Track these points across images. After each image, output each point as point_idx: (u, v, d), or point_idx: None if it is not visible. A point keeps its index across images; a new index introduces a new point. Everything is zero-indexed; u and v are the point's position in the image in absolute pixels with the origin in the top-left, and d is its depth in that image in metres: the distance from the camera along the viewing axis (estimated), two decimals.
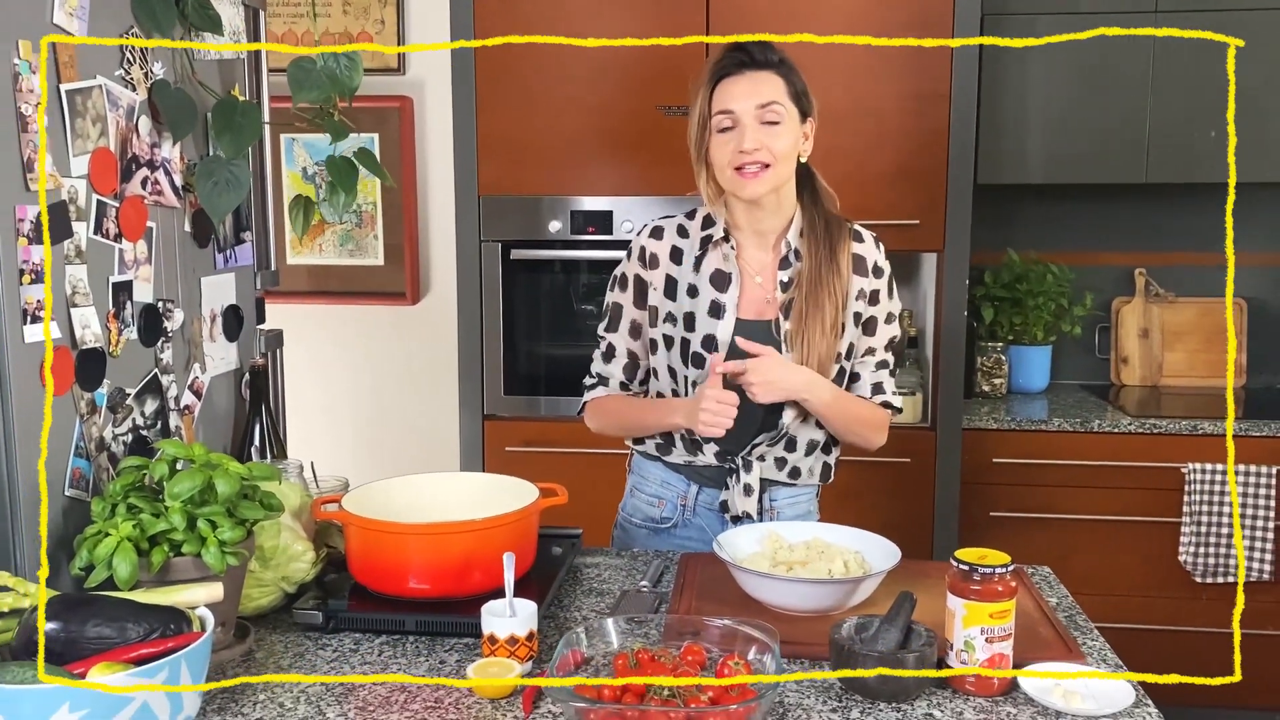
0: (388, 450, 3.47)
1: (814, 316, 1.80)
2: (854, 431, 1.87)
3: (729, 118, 1.75)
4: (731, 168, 1.76)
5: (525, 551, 1.60)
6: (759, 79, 1.75)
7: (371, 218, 3.29)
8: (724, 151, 1.76)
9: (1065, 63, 3.10)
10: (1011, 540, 3.02)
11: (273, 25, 3.23)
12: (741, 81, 1.75)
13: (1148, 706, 1.30)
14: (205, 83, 1.71)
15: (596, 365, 1.96)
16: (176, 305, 1.68)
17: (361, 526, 1.52)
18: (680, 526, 1.93)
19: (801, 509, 1.95)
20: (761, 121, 1.74)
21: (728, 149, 1.75)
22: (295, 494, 1.62)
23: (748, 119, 1.74)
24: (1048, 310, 3.31)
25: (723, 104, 1.75)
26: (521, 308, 3.05)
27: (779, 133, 1.75)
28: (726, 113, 1.75)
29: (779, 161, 1.76)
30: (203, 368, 1.76)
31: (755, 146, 1.73)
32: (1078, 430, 3.00)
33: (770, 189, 1.78)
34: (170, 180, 1.65)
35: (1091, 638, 1.51)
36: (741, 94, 1.74)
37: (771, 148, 1.74)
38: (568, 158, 2.96)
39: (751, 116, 1.74)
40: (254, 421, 1.84)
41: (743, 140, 1.73)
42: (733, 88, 1.76)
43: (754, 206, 1.81)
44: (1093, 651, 1.46)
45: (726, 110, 1.75)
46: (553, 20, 2.89)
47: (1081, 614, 1.60)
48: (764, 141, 1.74)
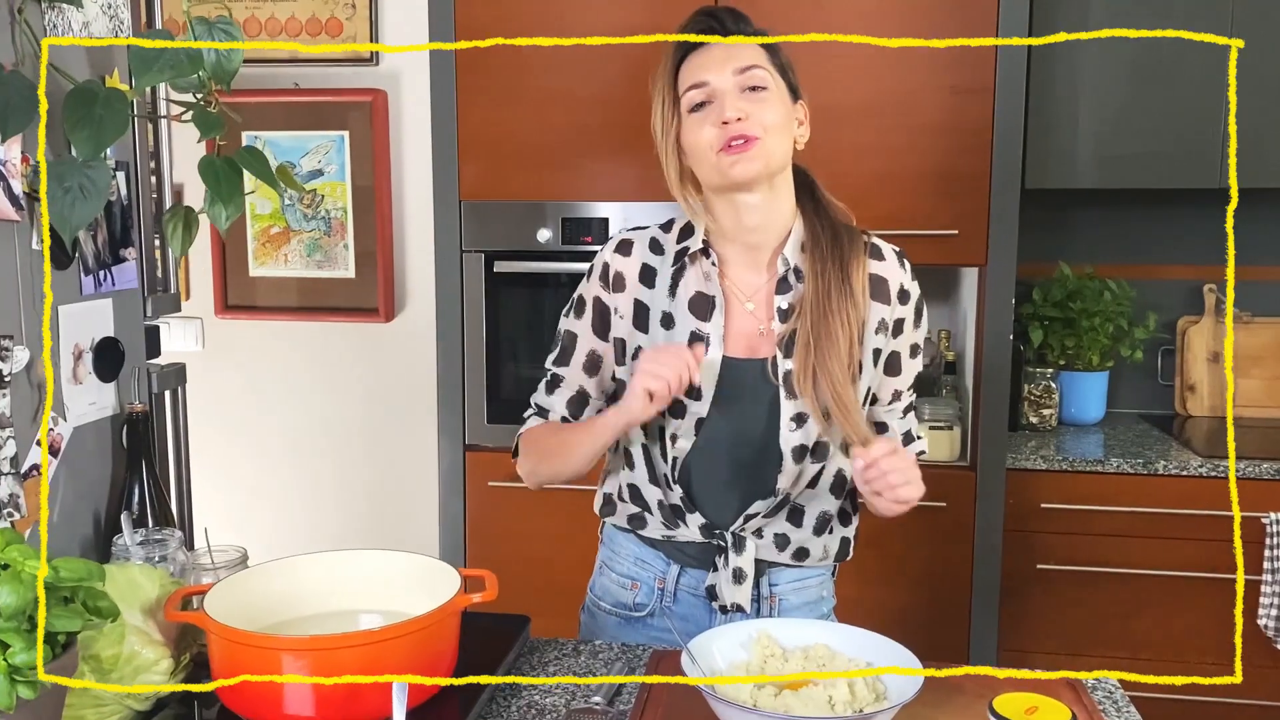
0: (358, 487, 3.15)
1: (824, 354, 1.41)
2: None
3: (702, 91, 1.40)
4: (713, 150, 1.39)
5: (439, 662, 1.25)
6: (734, 48, 1.41)
7: (341, 225, 2.96)
8: (700, 132, 1.40)
9: (1128, 52, 2.71)
10: (1061, 598, 2.66)
11: (235, 11, 2.91)
12: (713, 51, 1.41)
13: None
14: (60, 66, 1.38)
15: (537, 397, 1.59)
16: (17, 342, 1.35)
17: (222, 637, 1.18)
18: (657, 615, 1.56)
19: (811, 595, 1.58)
20: (743, 88, 1.39)
21: (704, 127, 1.39)
22: (153, 583, 1.28)
23: (726, 86, 1.39)
24: (1105, 332, 2.92)
25: (693, 77, 1.40)
26: (507, 326, 2.72)
27: (765, 99, 1.40)
28: (699, 86, 1.40)
29: (769, 135, 1.39)
30: (60, 417, 1.43)
31: (740, 115, 1.37)
32: (1139, 472, 2.61)
33: (764, 169, 1.40)
34: (6, 187, 1.32)
35: None
36: (715, 62, 1.40)
37: (760, 117, 1.38)
38: (559, 158, 2.62)
39: (731, 84, 1.39)
40: (133, 481, 1.51)
41: (724, 109, 1.38)
42: (703, 58, 1.41)
43: (743, 204, 1.43)
44: None
45: (699, 83, 1.40)
46: (542, 7, 2.56)
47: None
48: (748, 110, 1.38)
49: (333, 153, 2.96)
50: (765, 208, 1.45)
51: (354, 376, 3.12)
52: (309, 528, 3.16)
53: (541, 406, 1.59)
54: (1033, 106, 2.73)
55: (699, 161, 1.42)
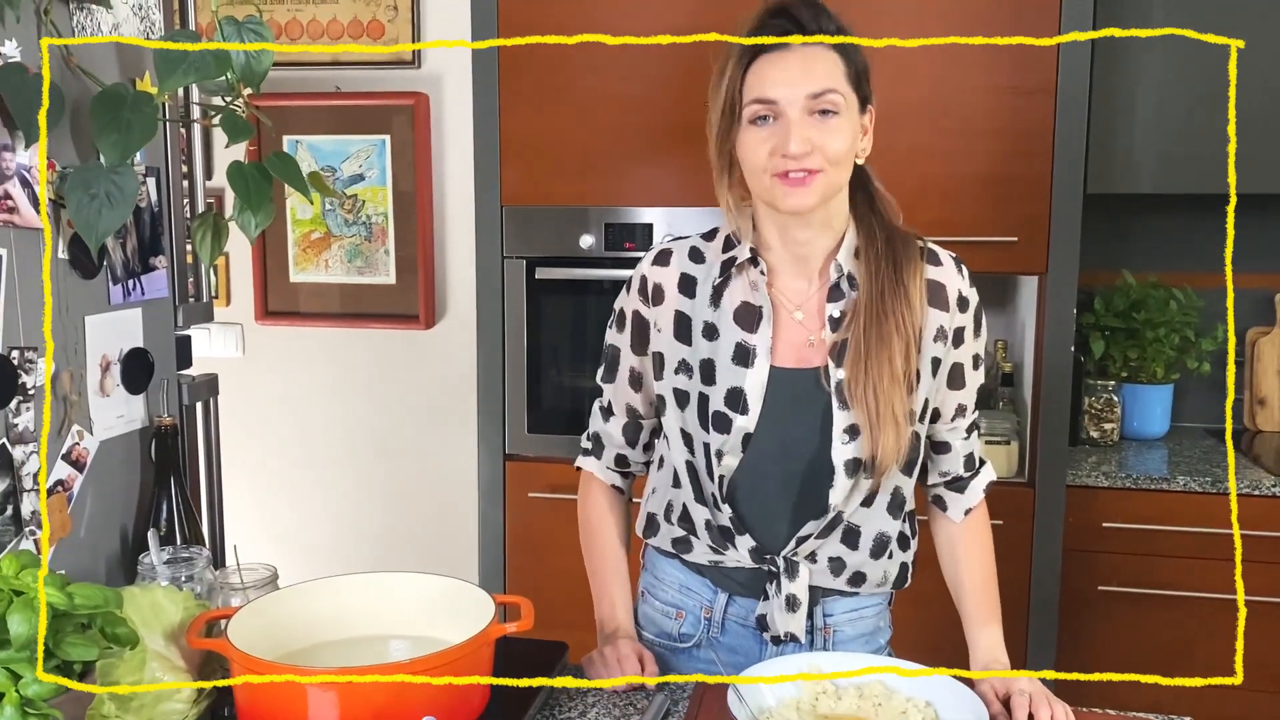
0: (397, 496, 3.11)
1: (878, 360, 1.34)
2: None
3: (768, 108, 1.30)
4: (770, 173, 1.31)
5: (470, 695, 1.19)
6: (811, 57, 1.29)
7: (382, 230, 2.92)
8: (759, 150, 1.30)
9: (1197, 51, 2.59)
10: (1123, 621, 2.54)
11: (275, 14, 2.88)
12: (788, 61, 1.29)
13: None
14: (88, 68, 1.34)
15: (594, 422, 1.56)
16: (41, 354, 1.30)
17: (245, 666, 1.13)
18: (704, 646, 1.49)
19: (867, 626, 1.49)
20: (812, 113, 1.30)
21: (765, 148, 1.30)
22: (177, 607, 1.23)
23: (794, 111, 1.28)
24: (1170, 344, 2.79)
25: (761, 90, 1.29)
26: (548, 334, 2.66)
27: (835, 128, 1.30)
28: (766, 102, 1.30)
29: (833, 166, 1.30)
30: (86, 430, 1.38)
31: (805, 150, 1.28)
32: (1207, 491, 2.49)
33: (820, 201, 1.32)
34: (30, 194, 1.27)
35: None
36: (788, 79, 1.29)
37: (825, 148, 1.29)
38: (602, 162, 2.56)
39: (800, 109, 1.28)
40: (161, 497, 1.47)
41: (788, 140, 1.27)
42: (775, 69, 1.29)
43: (794, 222, 1.36)
44: None
45: (766, 100, 1.29)
46: (585, 8, 2.50)
47: None
48: (815, 141, 1.28)
49: (374, 157, 2.92)
50: (817, 225, 1.37)
51: (394, 384, 3.08)
52: (347, 536, 3.13)
53: (598, 439, 1.56)
54: (1096, 109, 2.62)
55: (752, 176, 1.34)
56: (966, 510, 1.51)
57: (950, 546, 1.52)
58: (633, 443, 1.53)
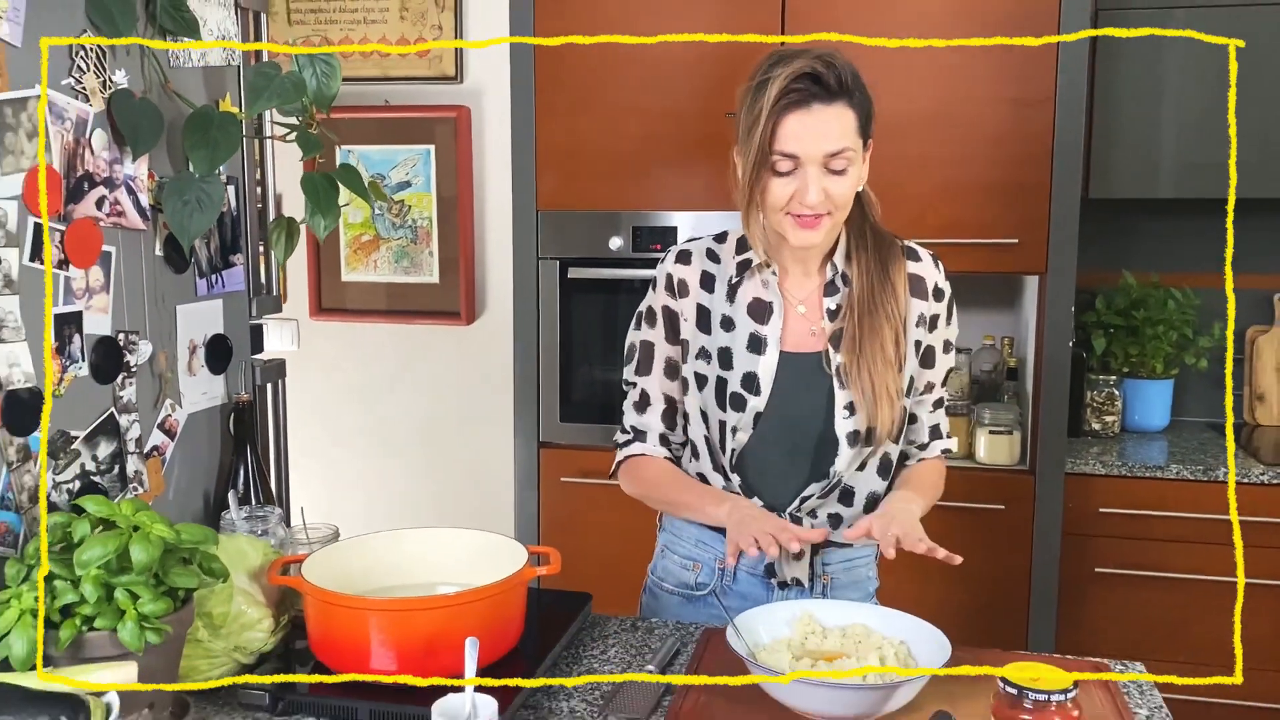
0: (438, 480, 3.32)
1: (871, 346, 1.56)
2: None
3: (792, 161, 1.50)
4: (786, 213, 1.52)
5: (506, 629, 1.39)
6: (828, 117, 1.48)
7: (427, 233, 3.14)
8: (781, 195, 1.51)
9: (1197, 61, 2.74)
10: (1119, 601, 2.69)
11: (329, 33, 3.11)
12: (810, 120, 1.48)
13: None
14: (182, 93, 1.55)
15: (630, 417, 1.71)
16: (142, 337, 1.52)
17: (316, 598, 1.33)
18: (718, 594, 1.68)
19: (859, 575, 1.69)
20: (827, 168, 1.50)
21: (785, 193, 1.51)
22: (258, 551, 1.44)
23: (812, 166, 1.49)
24: (1168, 340, 2.94)
25: (786, 145, 1.49)
26: (580, 330, 2.86)
27: (844, 179, 1.51)
28: (789, 157, 1.49)
29: (839, 209, 1.53)
30: (177, 404, 1.60)
31: (819, 201, 1.49)
32: (1199, 479, 2.64)
33: (825, 239, 1.55)
34: (135, 200, 1.49)
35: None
36: (810, 136, 1.48)
37: (834, 196, 1.51)
38: (630, 169, 2.75)
39: (818, 165, 1.49)
40: (237, 463, 1.68)
41: (806, 193, 1.49)
42: (799, 126, 1.48)
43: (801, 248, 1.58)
44: None
45: (790, 155, 1.49)
46: (615, 23, 2.70)
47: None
48: (828, 190, 1.50)
49: (419, 165, 3.13)
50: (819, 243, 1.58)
51: (436, 376, 3.29)
52: (394, 516, 3.34)
53: (637, 428, 1.70)
54: (1097, 116, 2.78)
55: (770, 213, 1.54)
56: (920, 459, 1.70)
57: (903, 474, 1.69)
58: (671, 427, 1.70)
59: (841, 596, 1.65)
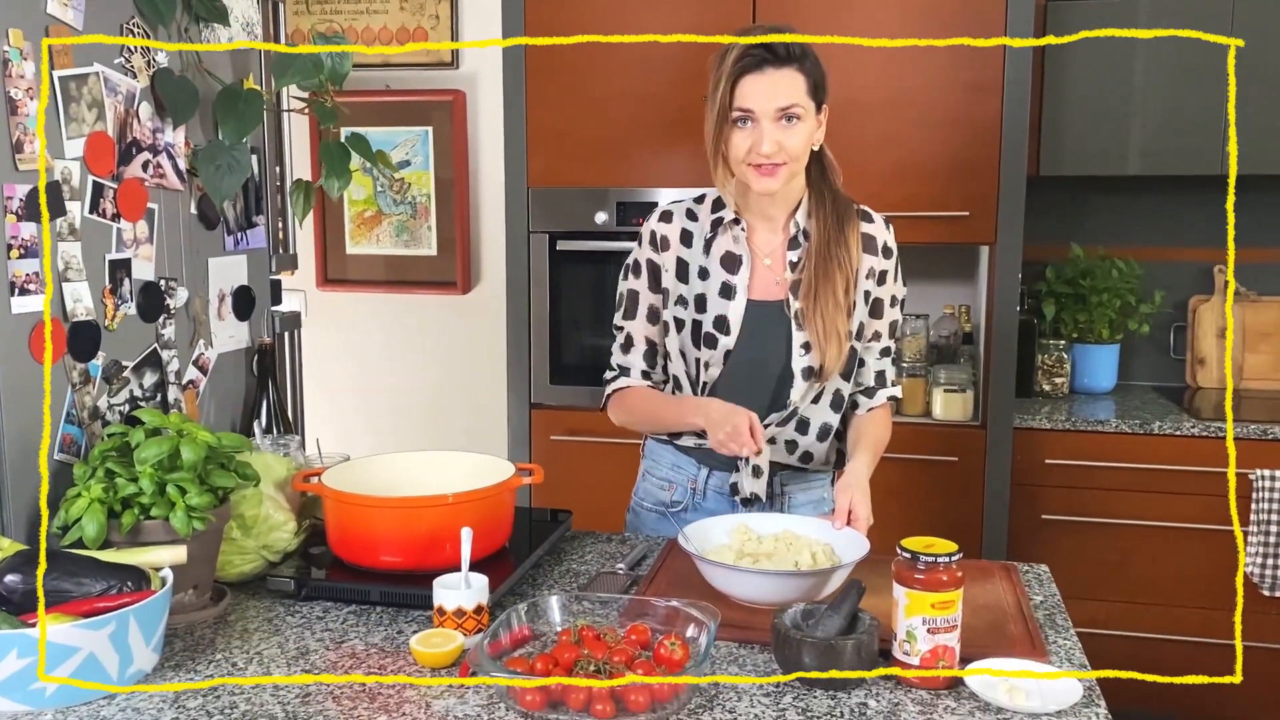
0: (436, 438, 3.55)
1: (824, 292, 1.79)
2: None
3: (748, 115, 1.74)
4: (747, 163, 1.76)
5: (497, 529, 1.62)
6: (779, 78, 1.73)
7: (425, 209, 3.37)
8: (740, 146, 1.76)
9: (1136, 49, 2.97)
10: (1064, 546, 2.92)
11: (335, 22, 3.34)
12: (762, 81, 1.73)
13: (1098, 706, 1.24)
14: (213, 71, 1.78)
15: (616, 356, 1.96)
16: (180, 284, 1.75)
17: (335, 499, 1.57)
18: (689, 510, 1.92)
19: (815, 494, 1.93)
20: (779, 120, 1.73)
21: (744, 145, 1.75)
22: (282, 466, 1.68)
23: (766, 120, 1.73)
24: (1112, 307, 3.18)
25: (742, 102, 1.74)
26: (568, 298, 3.07)
27: (796, 131, 1.74)
28: (745, 111, 1.74)
29: (794, 160, 1.76)
30: (209, 344, 1.83)
31: (773, 150, 1.73)
32: (1136, 432, 2.87)
33: (781, 185, 1.78)
34: (174, 164, 1.72)
35: (1065, 637, 1.45)
36: (762, 94, 1.73)
37: (788, 147, 1.74)
38: (614, 149, 2.97)
39: (770, 118, 1.73)
40: (261, 397, 1.91)
41: (761, 142, 1.73)
42: (753, 86, 1.73)
43: (764, 195, 1.81)
44: (1061, 651, 1.40)
45: (746, 109, 1.74)
46: (601, 15, 2.91)
47: (1064, 614, 1.54)
48: (781, 142, 1.73)
49: (418, 146, 3.36)
50: (781, 196, 1.81)
51: (434, 342, 3.53)
52: None
53: (622, 366, 1.94)
54: (1048, 99, 3.00)
55: (734, 164, 1.79)
56: (870, 409, 1.92)
57: (854, 425, 1.92)
58: (652, 365, 1.94)
59: (798, 513, 1.87)
